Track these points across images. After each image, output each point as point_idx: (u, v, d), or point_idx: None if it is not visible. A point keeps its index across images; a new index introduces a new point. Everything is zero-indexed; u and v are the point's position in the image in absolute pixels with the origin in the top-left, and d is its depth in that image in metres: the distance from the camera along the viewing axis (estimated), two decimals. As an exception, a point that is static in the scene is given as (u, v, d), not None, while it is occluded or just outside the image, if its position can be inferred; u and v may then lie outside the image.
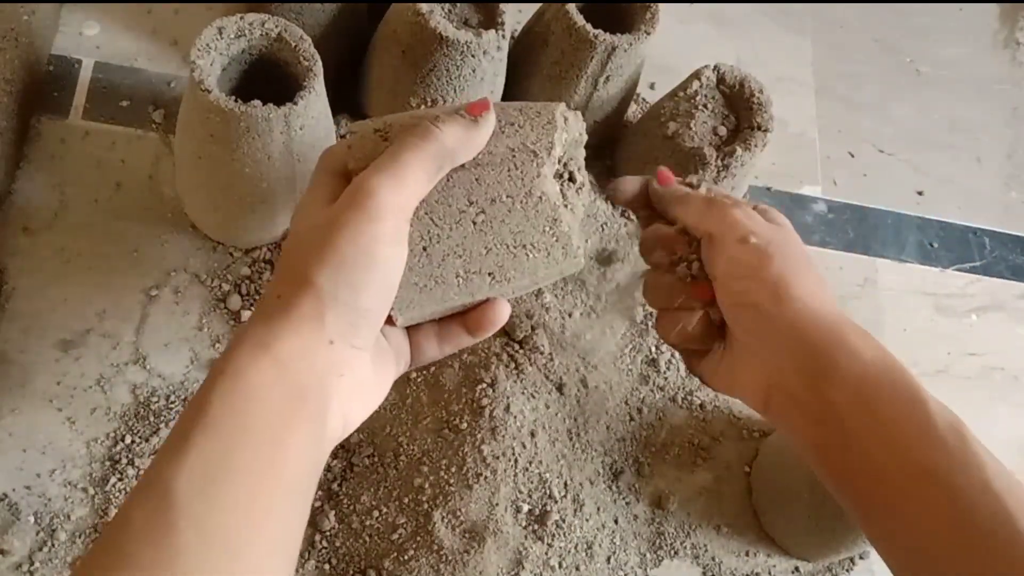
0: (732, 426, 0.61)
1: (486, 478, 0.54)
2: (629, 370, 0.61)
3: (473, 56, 0.55)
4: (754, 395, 0.44)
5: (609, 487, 0.58)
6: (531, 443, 0.56)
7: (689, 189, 0.47)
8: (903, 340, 0.70)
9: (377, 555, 0.52)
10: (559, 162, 0.42)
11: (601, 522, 0.56)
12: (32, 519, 0.49)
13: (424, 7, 0.53)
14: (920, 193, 0.76)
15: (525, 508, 0.55)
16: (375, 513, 0.53)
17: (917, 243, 0.74)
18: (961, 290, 0.73)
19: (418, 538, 0.53)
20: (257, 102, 0.47)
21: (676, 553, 0.57)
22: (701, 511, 0.59)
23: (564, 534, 0.55)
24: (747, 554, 0.59)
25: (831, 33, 0.81)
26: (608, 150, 0.68)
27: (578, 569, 0.55)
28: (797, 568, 0.59)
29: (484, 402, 0.55)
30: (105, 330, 0.54)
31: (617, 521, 0.57)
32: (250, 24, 0.49)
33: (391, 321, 0.40)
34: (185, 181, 0.55)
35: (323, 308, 0.35)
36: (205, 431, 0.32)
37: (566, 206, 0.42)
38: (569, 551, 0.55)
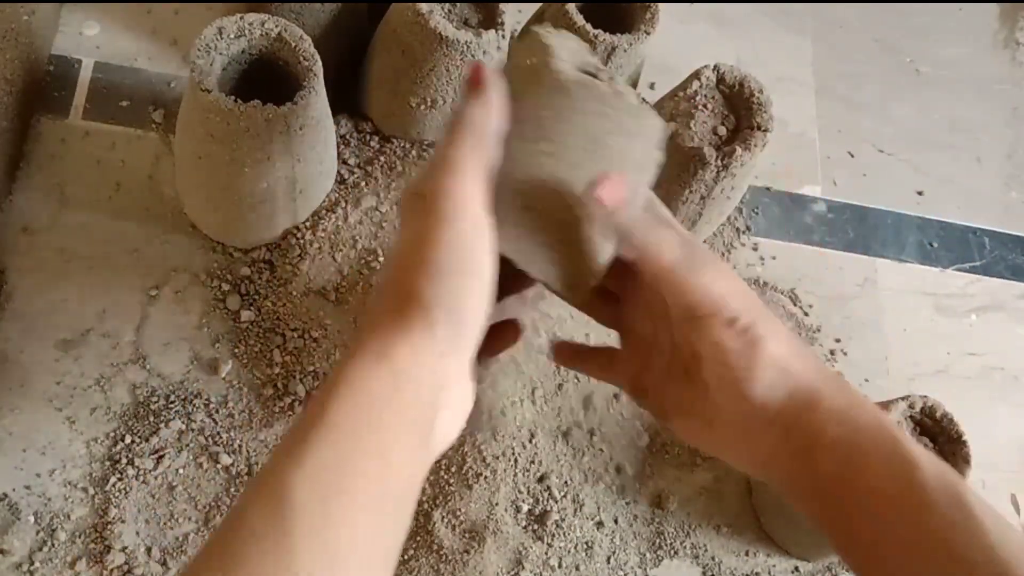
0: (732, 426, 0.61)
1: (486, 478, 0.54)
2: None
3: (473, 56, 0.55)
4: (744, 466, 0.43)
5: (609, 487, 0.58)
6: (531, 443, 0.56)
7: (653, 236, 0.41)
8: (903, 340, 0.70)
9: (377, 555, 0.52)
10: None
11: (601, 522, 0.57)
12: (32, 519, 0.49)
13: (424, 7, 0.53)
14: (920, 193, 0.76)
15: (525, 508, 0.55)
16: (375, 513, 0.53)
17: (917, 243, 0.74)
18: (961, 290, 0.73)
19: (418, 538, 0.53)
20: (257, 102, 0.48)
21: (676, 553, 0.57)
22: (701, 511, 0.59)
23: (564, 534, 0.55)
24: (747, 554, 0.59)
25: (831, 33, 0.81)
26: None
27: (578, 569, 0.55)
28: (797, 568, 0.59)
29: (484, 402, 0.55)
30: (105, 330, 0.54)
31: (617, 521, 0.57)
32: (250, 24, 0.49)
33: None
34: (185, 181, 0.55)
35: (432, 320, 0.35)
36: (324, 437, 0.32)
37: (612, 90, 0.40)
38: (569, 551, 0.55)
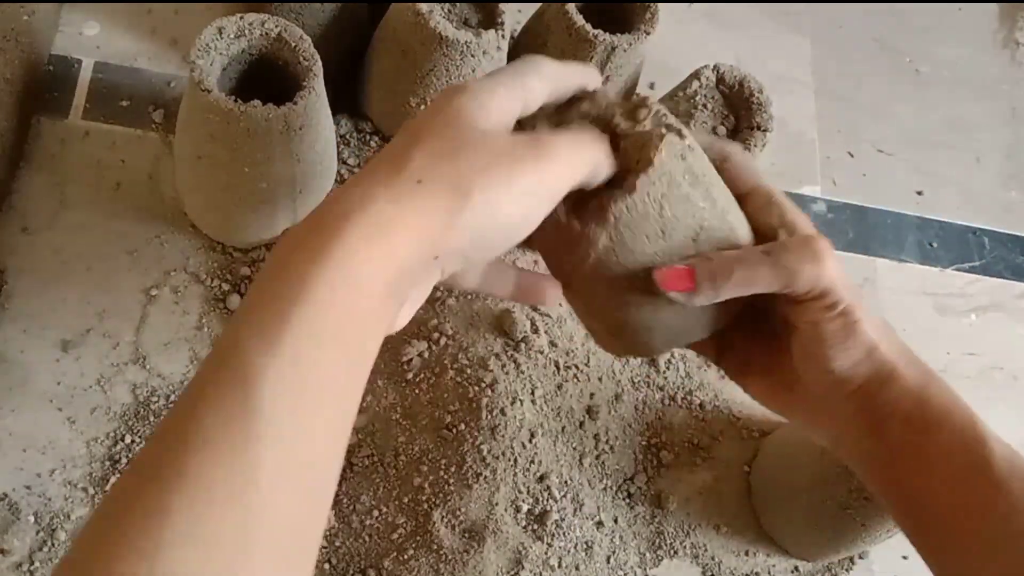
0: (732, 426, 0.61)
1: (485, 478, 0.54)
2: (628, 370, 0.61)
3: (473, 56, 0.55)
4: (820, 434, 0.44)
5: (609, 487, 0.58)
6: (530, 443, 0.56)
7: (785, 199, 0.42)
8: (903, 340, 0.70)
9: (377, 555, 0.52)
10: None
11: (600, 521, 0.57)
12: (32, 519, 0.49)
13: (424, 7, 0.53)
14: (920, 193, 0.76)
15: (524, 508, 0.55)
16: (375, 513, 0.53)
17: (917, 243, 0.74)
18: (961, 290, 0.73)
19: (418, 538, 0.53)
20: (257, 102, 0.48)
21: (676, 553, 0.57)
22: (701, 511, 0.59)
23: (564, 533, 0.55)
24: (746, 554, 0.59)
25: (831, 33, 0.81)
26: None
27: (578, 569, 0.55)
28: (796, 568, 0.59)
29: (483, 402, 0.55)
30: (105, 330, 0.54)
31: (617, 520, 0.57)
32: (250, 24, 0.49)
33: None
34: (185, 181, 0.55)
35: (452, 227, 0.31)
36: (304, 322, 0.28)
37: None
38: (569, 550, 0.55)
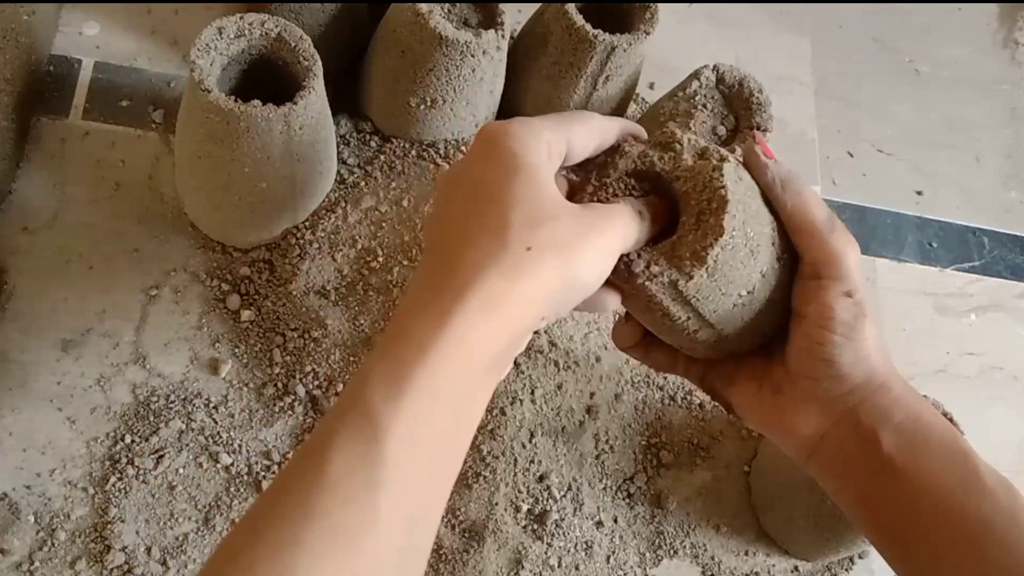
0: (731, 426, 0.61)
1: (485, 478, 0.54)
2: (628, 370, 0.61)
3: (473, 56, 0.55)
4: (798, 440, 0.42)
5: (608, 487, 0.58)
6: (530, 443, 0.56)
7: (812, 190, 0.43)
8: (902, 340, 0.70)
9: (377, 554, 0.52)
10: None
11: (600, 521, 0.57)
12: (32, 518, 0.49)
13: (424, 7, 0.53)
14: (919, 193, 0.76)
15: (524, 507, 0.55)
16: (375, 513, 0.53)
17: (916, 243, 0.74)
18: (960, 290, 0.73)
19: (418, 537, 0.53)
20: (257, 102, 0.48)
21: (675, 552, 0.57)
22: (700, 511, 0.59)
23: (563, 533, 0.55)
24: (746, 553, 0.59)
25: (830, 33, 0.81)
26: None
27: (577, 568, 0.55)
28: (796, 567, 0.59)
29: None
30: (105, 330, 0.54)
31: (616, 520, 0.57)
32: (250, 24, 0.49)
33: None
34: (185, 181, 0.55)
35: (552, 287, 0.34)
36: (425, 379, 0.31)
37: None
38: (568, 550, 0.55)
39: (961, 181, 0.78)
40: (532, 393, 0.58)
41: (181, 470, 0.52)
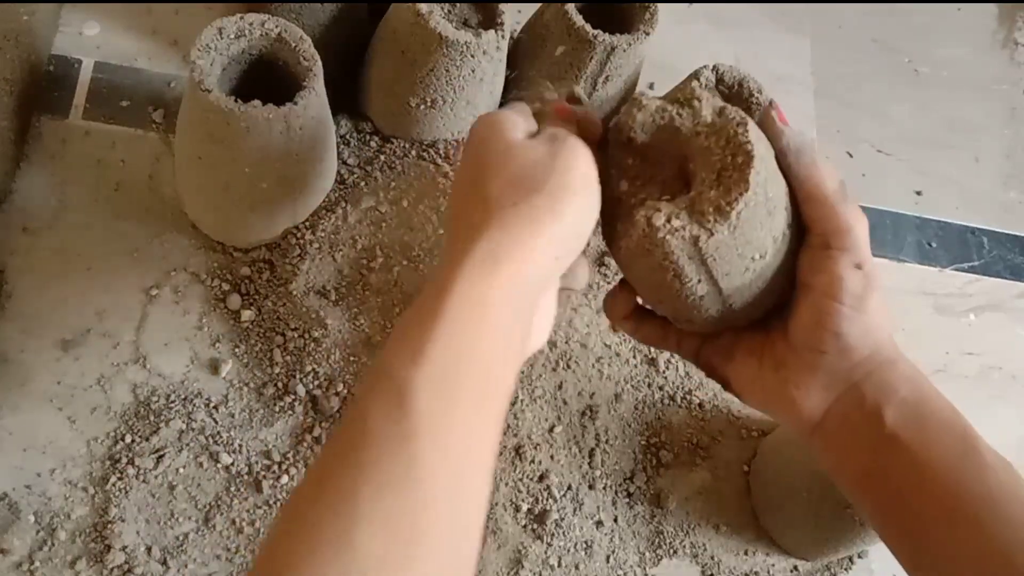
0: (731, 425, 0.61)
1: (485, 477, 0.54)
2: (628, 369, 0.61)
3: (473, 56, 0.55)
4: (801, 415, 0.42)
5: (608, 486, 0.58)
6: (530, 443, 0.56)
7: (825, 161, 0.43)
8: (901, 340, 0.68)
9: (377, 554, 0.52)
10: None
11: (600, 521, 0.57)
12: (32, 518, 0.49)
13: (424, 7, 0.53)
14: (919, 193, 0.76)
15: (524, 507, 0.55)
16: (375, 512, 0.53)
17: (916, 243, 0.74)
18: (959, 290, 0.73)
19: (418, 537, 0.53)
20: (257, 102, 0.48)
21: (675, 552, 0.58)
22: (700, 510, 0.59)
23: (563, 533, 0.55)
24: (746, 553, 0.59)
25: (830, 33, 0.81)
26: (607, 150, 0.68)
27: (577, 568, 0.55)
28: (796, 567, 0.59)
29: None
30: (105, 330, 0.55)
31: (616, 520, 0.57)
32: (250, 24, 0.49)
33: None
34: (185, 181, 0.55)
35: (551, 223, 0.36)
36: (442, 339, 0.33)
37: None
38: (568, 550, 0.55)
39: (960, 181, 0.78)
40: (532, 393, 0.58)
41: (181, 470, 0.52)
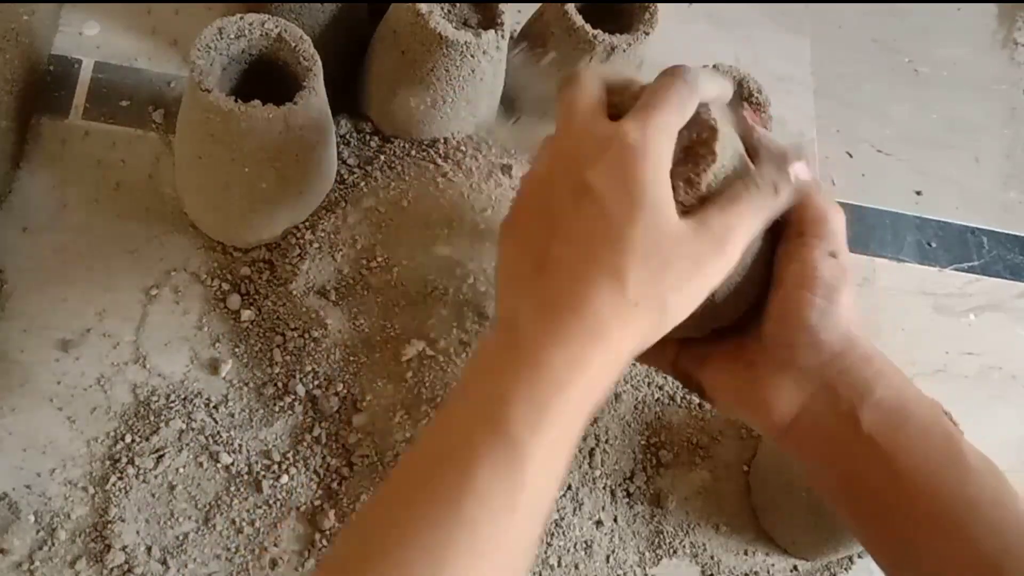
0: (731, 425, 0.62)
1: (485, 477, 0.54)
2: (628, 369, 0.61)
3: (472, 56, 0.55)
4: (772, 415, 0.41)
5: (608, 486, 0.58)
6: (530, 442, 0.56)
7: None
8: (901, 340, 0.70)
9: (377, 554, 0.52)
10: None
11: (600, 521, 0.57)
12: (32, 518, 0.49)
13: (424, 7, 0.53)
14: (918, 193, 0.77)
15: (524, 507, 0.55)
16: (375, 512, 0.53)
17: (915, 243, 0.74)
18: (959, 290, 0.73)
19: (418, 537, 0.53)
20: (257, 102, 0.48)
21: (675, 552, 0.58)
22: (700, 510, 0.59)
23: (563, 533, 0.55)
24: (745, 553, 0.59)
25: (830, 33, 0.81)
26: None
27: (577, 568, 0.55)
28: (795, 567, 0.59)
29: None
30: (105, 330, 0.55)
31: (616, 520, 0.57)
32: (250, 24, 0.49)
33: None
34: (185, 181, 0.55)
35: (655, 331, 0.37)
36: (560, 415, 0.34)
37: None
38: (568, 549, 0.55)
39: (960, 181, 0.78)
40: (532, 393, 0.58)
41: (181, 470, 0.52)
